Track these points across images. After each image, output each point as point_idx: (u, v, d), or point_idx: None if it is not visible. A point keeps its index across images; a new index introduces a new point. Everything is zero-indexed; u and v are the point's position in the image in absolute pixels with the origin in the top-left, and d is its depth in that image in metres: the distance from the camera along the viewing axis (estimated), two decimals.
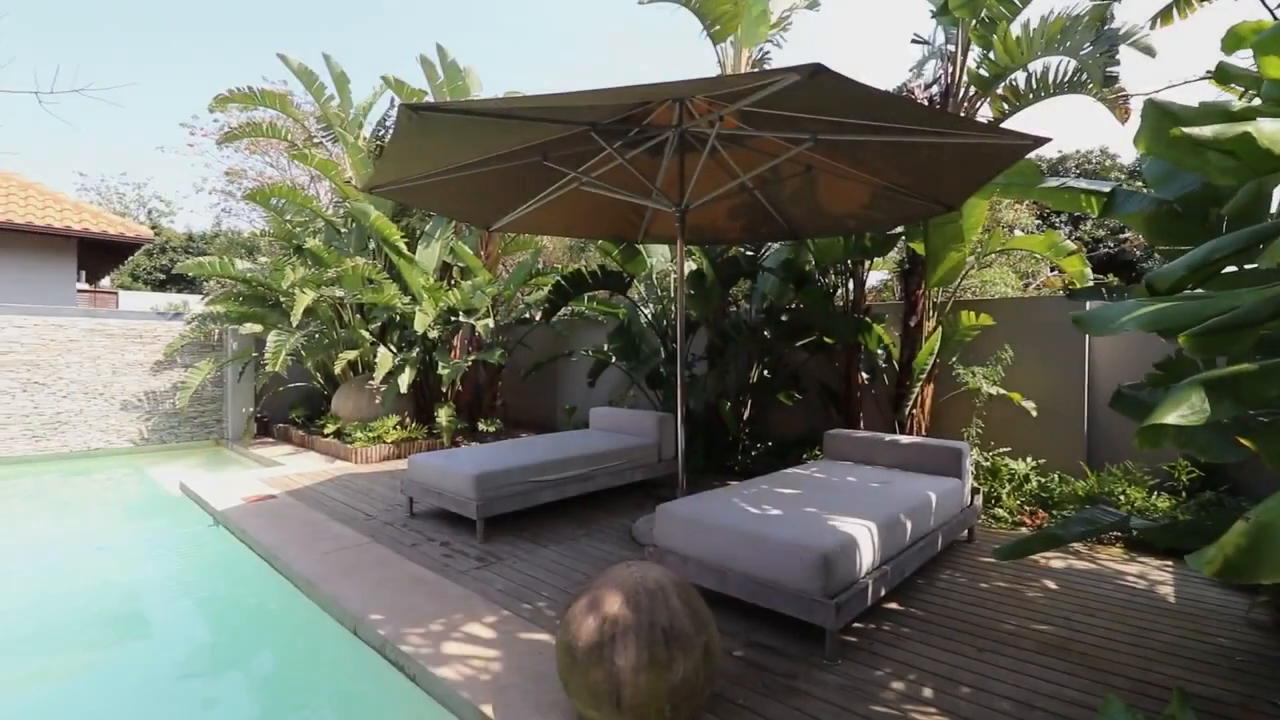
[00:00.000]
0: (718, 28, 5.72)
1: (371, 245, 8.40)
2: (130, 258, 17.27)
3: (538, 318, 9.34)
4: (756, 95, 3.16)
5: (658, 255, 6.96)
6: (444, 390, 8.24)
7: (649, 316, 6.86)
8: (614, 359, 6.71)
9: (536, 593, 3.40)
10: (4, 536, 5.30)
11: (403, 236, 7.78)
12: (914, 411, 5.44)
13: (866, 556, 2.92)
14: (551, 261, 12.82)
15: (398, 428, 7.62)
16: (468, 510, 4.25)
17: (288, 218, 9.01)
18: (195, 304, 9.32)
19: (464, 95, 8.24)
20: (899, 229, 5.35)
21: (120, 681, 3.09)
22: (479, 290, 7.70)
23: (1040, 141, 3.27)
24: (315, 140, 10.38)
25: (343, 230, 8.73)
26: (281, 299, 8.10)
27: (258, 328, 8.02)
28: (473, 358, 7.96)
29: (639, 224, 5.70)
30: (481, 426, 8.11)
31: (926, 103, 5.27)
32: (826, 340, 5.89)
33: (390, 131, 9.26)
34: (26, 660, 3.21)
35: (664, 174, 4.78)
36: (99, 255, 13.26)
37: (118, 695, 2.93)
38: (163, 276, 25.10)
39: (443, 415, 7.45)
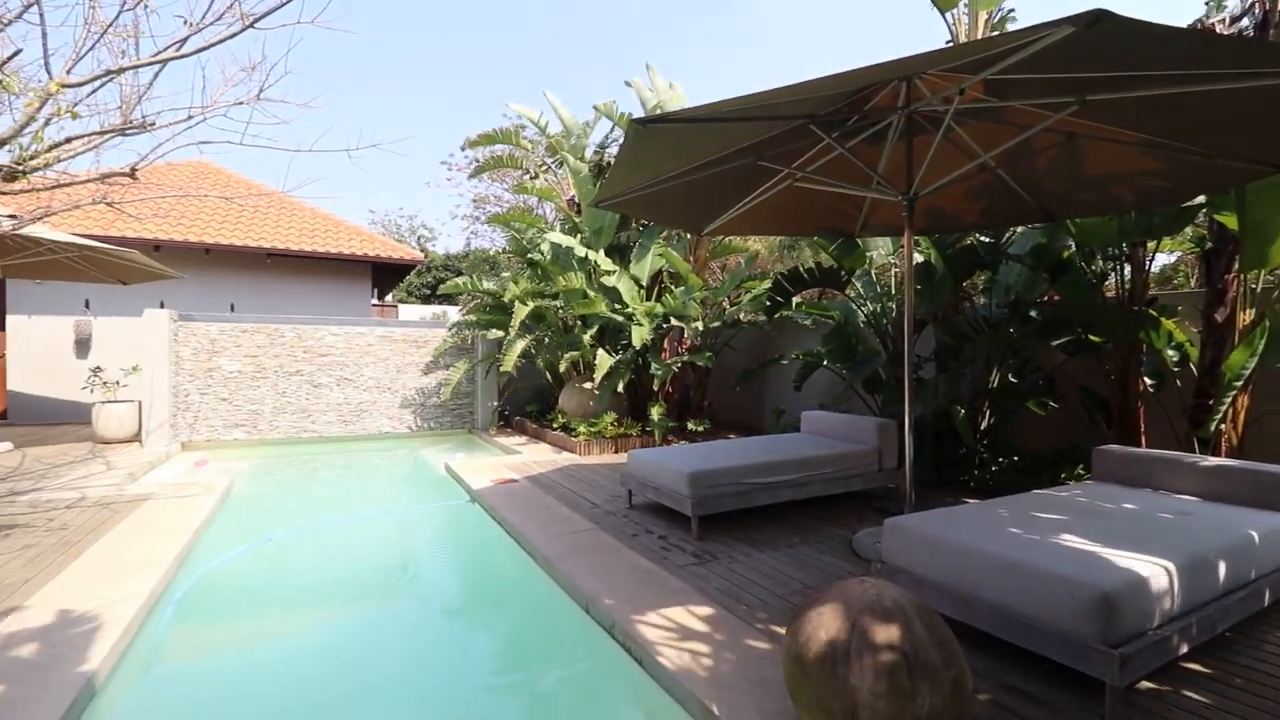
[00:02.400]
0: None
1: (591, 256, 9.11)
2: (406, 277, 20.92)
3: (745, 320, 9.33)
4: (1011, 59, 2.78)
5: (878, 249, 6.50)
6: (655, 390, 8.61)
7: (867, 315, 6.44)
8: (826, 361, 6.41)
9: (754, 596, 3.37)
10: (325, 496, 6.75)
11: (615, 244, 8.33)
12: (1222, 427, 4.35)
13: (1163, 602, 2.39)
14: (760, 265, 12.71)
15: (615, 424, 8.14)
16: (683, 506, 4.37)
17: (526, 237, 10.17)
18: (453, 314, 10.99)
19: (670, 106, 8.55)
20: (1197, 199, 4.33)
21: (392, 624, 3.72)
22: (689, 297, 7.91)
23: None
24: (544, 166, 11.61)
25: (566, 245, 9.60)
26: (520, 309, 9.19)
27: (500, 333, 9.19)
28: (682, 359, 8.21)
29: (857, 216, 5.37)
30: (690, 426, 8.32)
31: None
32: (1092, 338, 4.98)
33: (608, 151, 9.97)
34: (331, 601, 4.03)
35: (887, 160, 4.43)
36: (385, 275, 16.25)
37: (392, 635, 3.53)
38: (429, 291, 29.90)
39: (655, 413, 7.79)
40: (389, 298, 22.97)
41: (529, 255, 9.34)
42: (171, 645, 3.25)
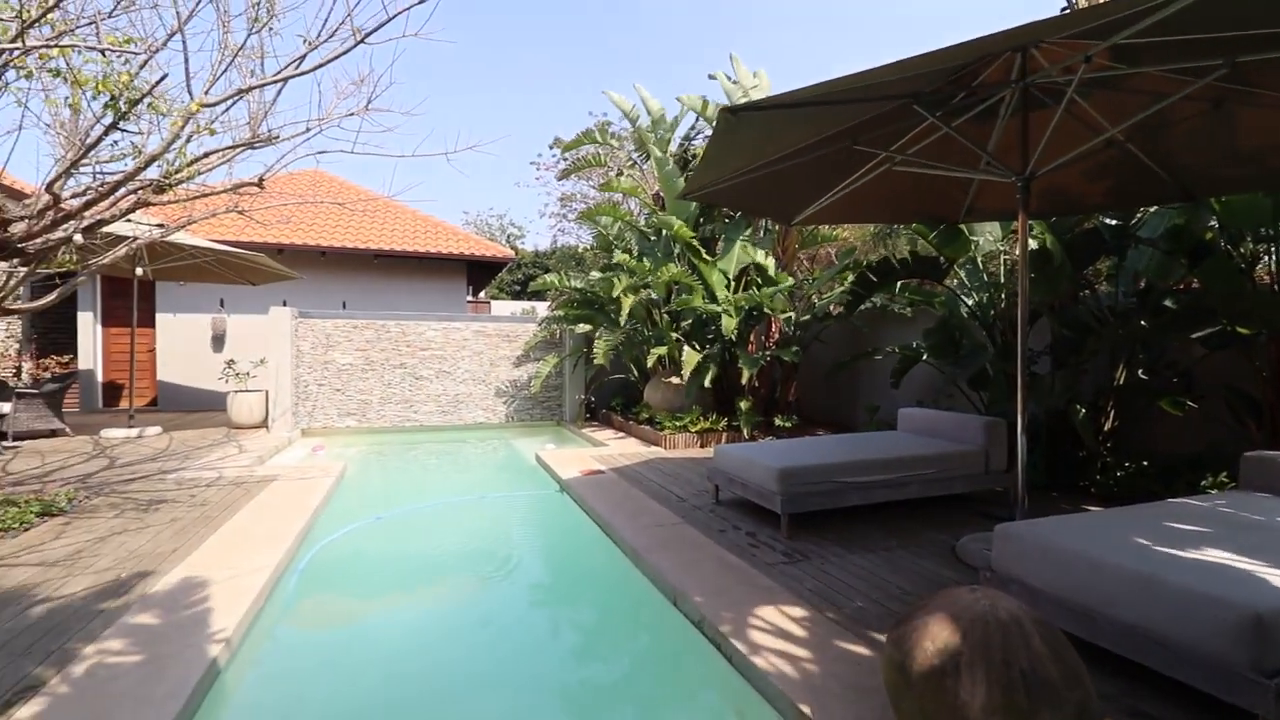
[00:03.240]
0: None
1: (676, 250, 9.08)
2: (498, 274, 21.75)
3: (836, 313, 9.00)
4: (1146, 21, 2.50)
5: (984, 234, 6.07)
6: (742, 385, 8.48)
7: (971, 307, 6.04)
8: (926, 356, 6.07)
9: (848, 599, 3.25)
10: (425, 481, 7.15)
11: (698, 238, 8.25)
12: None
13: None
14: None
15: (700, 418, 8.10)
16: (772, 504, 4.28)
17: (613, 231, 10.29)
18: (541, 309, 11.31)
19: (756, 95, 8.35)
20: None
21: (487, 603, 3.87)
22: (778, 290, 7.73)
23: None
24: (630, 161, 11.71)
25: (652, 238, 9.63)
26: (608, 304, 9.31)
27: (588, 327, 9.36)
28: (769, 353, 8.03)
29: (962, 200, 5.04)
30: (778, 422, 8.14)
31: None
32: (1239, 330, 4.43)
33: (692, 144, 9.91)
34: (431, 578, 4.25)
35: (998, 139, 4.12)
36: (479, 272, 16.95)
37: (485, 615, 3.67)
38: (518, 287, 30.97)
39: (742, 408, 7.68)
40: (482, 294, 23.99)
41: (616, 250, 9.43)
42: (294, 613, 3.55)
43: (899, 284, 6.61)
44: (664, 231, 9.22)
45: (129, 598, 3.21)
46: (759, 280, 8.45)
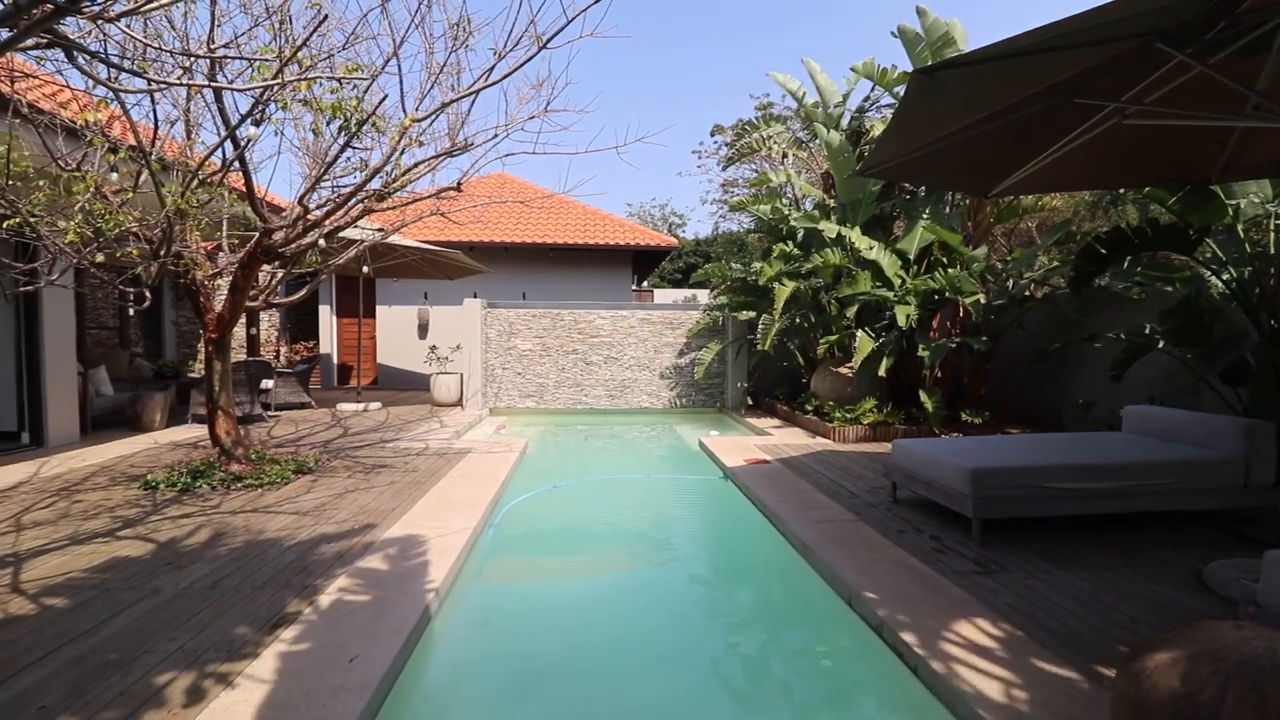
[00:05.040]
0: None
1: (853, 227, 8.57)
2: (661, 262, 22.21)
3: (1039, 294, 7.92)
4: None
5: (1246, 196, 4.96)
6: (922, 375, 7.82)
7: (1226, 284, 4.97)
8: (1164, 344, 5.12)
9: (1058, 620, 2.85)
10: (595, 459, 7.54)
11: (877, 215, 7.68)
12: None
13: None
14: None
15: (874, 410, 7.61)
16: (961, 506, 3.89)
17: (774, 219, 10.00)
18: (703, 297, 11.34)
19: (949, 53, 7.53)
20: None
21: (654, 581, 3.97)
22: (967, 271, 6.98)
23: None
24: (796, 142, 11.27)
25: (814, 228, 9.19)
26: (770, 289, 9.08)
27: (751, 314, 9.21)
28: (956, 340, 7.30)
29: (1217, 156, 4.14)
30: (965, 417, 7.38)
31: None
32: None
33: (866, 116, 9.24)
34: (601, 544, 4.45)
35: (1270, 76, 3.31)
36: (643, 262, 17.44)
37: (653, 593, 3.76)
38: (680, 276, 31.38)
39: (928, 402, 7.07)
40: (645, 283, 24.67)
41: (781, 236, 9.15)
42: (488, 571, 3.94)
43: (1128, 260, 5.62)
44: (832, 213, 8.76)
45: (360, 546, 3.77)
46: (944, 260, 7.70)
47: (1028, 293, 7.33)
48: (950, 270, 7.05)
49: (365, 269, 8.77)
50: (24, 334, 6.53)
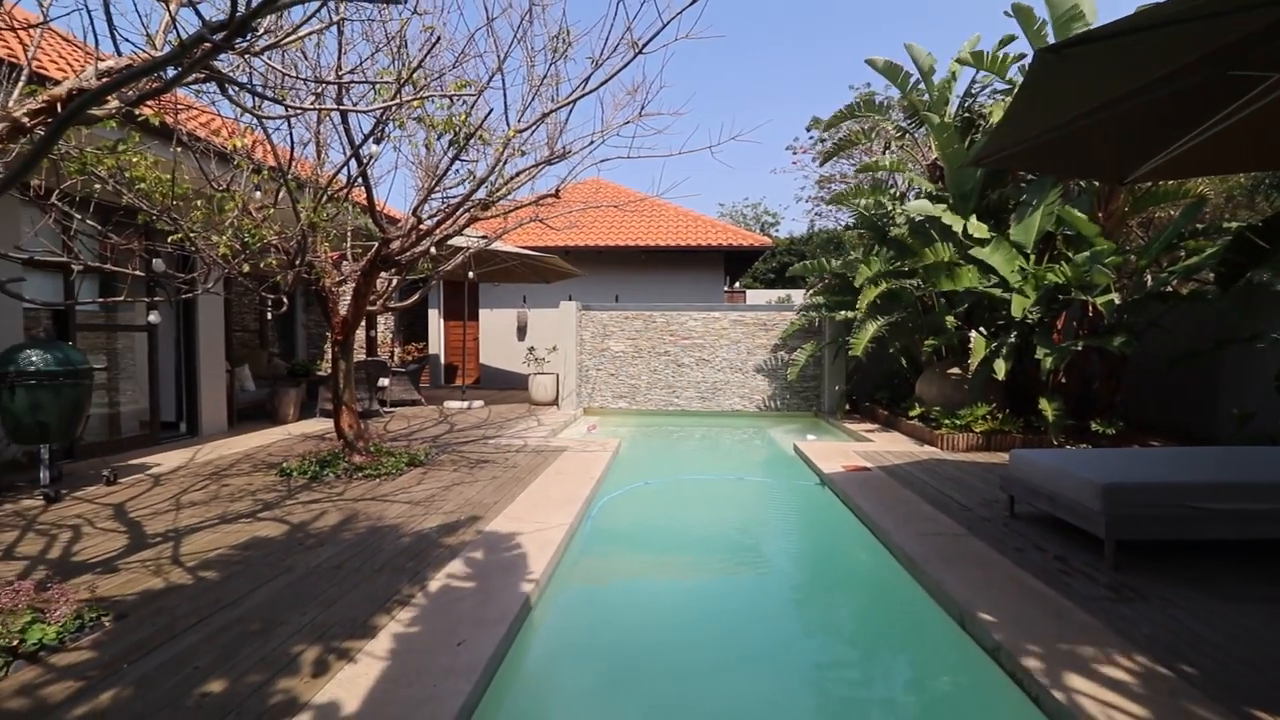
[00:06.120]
0: None
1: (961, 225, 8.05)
2: (754, 263, 21.86)
3: (1183, 291, 7.09)
4: None
5: None
6: (1044, 380, 7.20)
7: None
8: None
9: (1208, 656, 2.53)
10: (686, 459, 7.53)
11: (990, 207, 7.16)
12: None
13: None
14: (1205, 216, 9.50)
15: (987, 418, 7.10)
16: (1092, 525, 3.54)
17: (877, 212, 9.56)
18: (797, 298, 11.03)
19: (1077, 29, 6.88)
20: None
21: (747, 586, 3.89)
22: (1096, 263, 6.35)
23: None
24: (899, 132, 10.71)
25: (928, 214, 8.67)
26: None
27: (848, 314, 8.85)
28: (1083, 342, 6.66)
29: None
30: (1095, 427, 6.73)
31: None
32: None
33: (976, 100, 8.64)
34: (691, 545, 4.42)
35: None
36: (735, 262, 17.23)
37: (751, 602, 3.68)
38: (773, 276, 30.75)
39: (1048, 409, 6.51)
40: (737, 284, 24.36)
41: (887, 231, 8.73)
42: (583, 565, 4.03)
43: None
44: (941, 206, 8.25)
45: (465, 536, 3.97)
46: (1067, 253, 7.05)
47: (1168, 287, 6.57)
48: (1078, 255, 6.43)
49: (470, 274, 9.25)
50: (183, 337, 7.41)
